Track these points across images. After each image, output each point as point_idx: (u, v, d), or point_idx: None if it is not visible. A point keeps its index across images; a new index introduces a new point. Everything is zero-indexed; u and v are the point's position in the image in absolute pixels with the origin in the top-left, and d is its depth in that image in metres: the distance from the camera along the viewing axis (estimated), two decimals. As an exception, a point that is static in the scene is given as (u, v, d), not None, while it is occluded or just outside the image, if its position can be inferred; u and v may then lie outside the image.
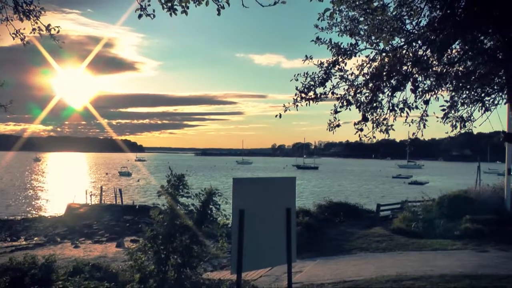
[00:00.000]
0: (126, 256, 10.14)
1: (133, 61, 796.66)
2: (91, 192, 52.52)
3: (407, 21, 6.87)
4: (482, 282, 11.11)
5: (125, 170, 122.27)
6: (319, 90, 7.01)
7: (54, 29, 7.33)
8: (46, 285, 9.78)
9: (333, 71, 6.97)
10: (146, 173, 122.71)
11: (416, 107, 7.07)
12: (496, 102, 8.19)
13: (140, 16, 5.34)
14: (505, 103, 8.08)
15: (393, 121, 7.14)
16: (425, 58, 6.93)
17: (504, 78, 7.68)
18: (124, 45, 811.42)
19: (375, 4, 6.65)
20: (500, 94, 8.18)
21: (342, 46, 6.92)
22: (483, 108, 7.94)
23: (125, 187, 74.63)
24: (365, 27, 6.82)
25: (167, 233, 9.60)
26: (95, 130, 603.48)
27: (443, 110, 7.40)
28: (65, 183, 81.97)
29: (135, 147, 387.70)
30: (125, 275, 10.27)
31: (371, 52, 7.04)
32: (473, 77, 7.69)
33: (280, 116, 6.97)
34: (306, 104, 7.02)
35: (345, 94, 7.01)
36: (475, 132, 8.55)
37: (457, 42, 7.08)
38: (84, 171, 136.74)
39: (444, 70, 7.38)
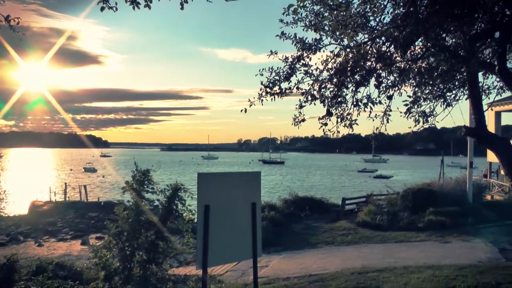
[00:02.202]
0: (91, 253, 10.01)
1: (97, 54, 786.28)
2: (55, 189, 51.66)
3: (371, 18, 6.95)
4: (444, 272, 11.33)
5: (90, 166, 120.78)
6: (284, 85, 7.04)
7: (14, 20, 7.14)
8: (8, 286, 9.55)
9: (298, 66, 7.00)
10: (111, 169, 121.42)
11: (380, 102, 7.17)
12: (457, 97, 8.37)
13: (102, 8, 5.25)
14: (466, 99, 8.25)
15: (357, 116, 7.22)
16: (389, 54, 7.02)
17: (465, 74, 7.84)
18: (88, 38, 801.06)
19: (340, 0, 6.71)
20: (461, 90, 8.35)
21: (306, 41, 6.95)
22: (445, 104, 8.11)
23: (90, 183, 73.57)
24: (330, 23, 6.86)
25: (132, 229, 9.53)
26: (59, 125, 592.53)
27: (406, 105, 7.53)
28: (28, 180, 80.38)
29: (100, 143, 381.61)
30: (90, 273, 10.17)
31: (336, 48, 7.11)
32: (435, 74, 7.83)
33: (245, 111, 6.97)
34: (271, 99, 7.05)
35: (310, 89, 7.05)
36: (438, 127, 8.73)
37: (420, 39, 7.19)
38: (48, 167, 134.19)
39: (407, 66, 7.49)
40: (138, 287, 9.23)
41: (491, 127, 34.62)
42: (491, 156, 14.20)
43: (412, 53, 7.52)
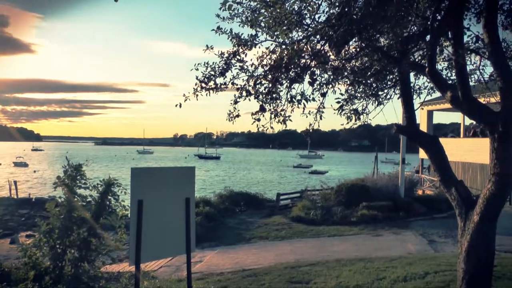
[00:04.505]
0: (20, 253, 9.66)
1: (30, 42, 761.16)
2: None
3: (307, 16, 7.03)
4: (375, 264, 11.67)
5: (20, 161, 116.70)
6: (219, 80, 7.02)
7: None
8: None
9: (233, 61, 7.00)
10: (43, 164, 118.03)
11: (314, 99, 7.28)
12: (389, 96, 8.60)
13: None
14: (398, 98, 8.48)
15: (291, 112, 7.31)
16: (323, 52, 7.13)
17: (397, 74, 8.07)
18: (20, 25, 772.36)
19: (276, -4, 6.75)
20: (393, 89, 8.59)
21: (242, 37, 6.97)
22: (377, 102, 8.32)
23: (20, 179, 71.12)
24: (265, 19, 6.90)
25: (64, 226, 9.27)
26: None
27: (338, 102, 7.67)
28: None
29: (32, 136, 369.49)
30: (19, 273, 9.80)
31: (271, 44, 7.15)
32: (368, 73, 8.02)
33: (180, 105, 6.92)
34: (206, 94, 7.03)
35: (245, 84, 7.07)
36: (373, 124, 8.98)
37: (354, 39, 7.34)
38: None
39: (341, 65, 7.63)
40: (69, 286, 9.01)
41: (423, 125, 35.75)
42: (423, 153, 14.73)
43: (346, 52, 7.66)
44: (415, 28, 7.78)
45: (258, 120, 7.11)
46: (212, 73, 6.95)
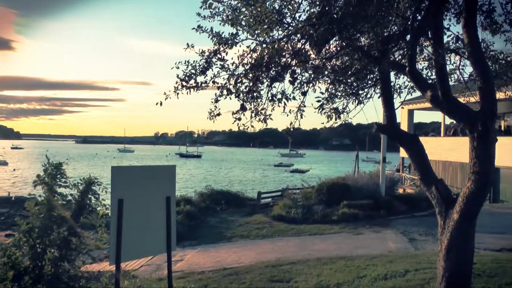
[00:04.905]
0: (-1, 252, 9.54)
1: (8, 39, 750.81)
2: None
3: (287, 15, 7.04)
4: (356, 262, 11.72)
5: (0, 159, 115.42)
6: (200, 78, 6.99)
7: None
8: None
9: (214, 60, 6.98)
10: (23, 162, 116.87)
11: (294, 98, 7.29)
12: (369, 95, 8.65)
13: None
14: (378, 97, 8.53)
15: (272, 111, 7.31)
16: (304, 51, 7.15)
17: (377, 74, 8.12)
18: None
19: (256, -5, 6.75)
20: (374, 88, 8.64)
21: (223, 36, 6.95)
22: (357, 101, 8.36)
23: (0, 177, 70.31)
24: (246, 18, 6.90)
25: (43, 225, 9.18)
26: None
27: (319, 101, 7.69)
28: None
29: (11, 134, 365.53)
30: (-2, 273, 9.67)
31: (252, 43, 7.14)
32: (349, 72, 8.05)
33: (161, 104, 6.89)
34: (187, 92, 7.00)
35: (225, 83, 7.05)
36: (354, 123, 9.00)
37: (334, 38, 7.37)
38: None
39: (322, 64, 7.65)
40: (49, 286, 8.93)
41: (404, 124, 36.03)
42: (404, 152, 14.87)
43: (327, 51, 7.68)
44: (395, 27, 7.82)
45: (239, 119, 7.11)
46: (193, 71, 6.92)
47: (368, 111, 8.94)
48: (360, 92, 8.43)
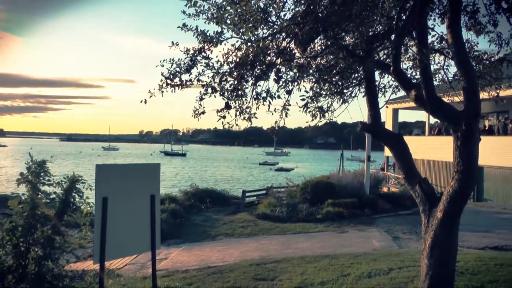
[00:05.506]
0: (-19, 252, 9.44)
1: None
2: None
3: (272, 13, 7.04)
4: (340, 261, 11.75)
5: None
6: (185, 76, 6.98)
7: None
8: None
9: (199, 58, 6.96)
10: (7, 160, 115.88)
11: (279, 97, 7.29)
12: (354, 94, 8.68)
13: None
14: (363, 96, 8.56)
15: (257, 110, 7.30)
16: (289, 50, 7.15)
17: (361, 73, 8.15)
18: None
19: (241, -7, 6.74)
20: (358, 88, 8.67)
21: (208, 34, 6.94)
22: (342, 100, 8.39)
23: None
24: (231, 16, 6.89)
25: (27, 224, 9.09)
26: None
27: (303, 100, 7.70)
28: None
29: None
30: (-20, 273, 9.58)
31: (237, 41, 7.13)
32: (334, 71, 8.07)
33: (145, 102, 6.86)
34: (172, 90, 6.98)
35: (210, 81, 7.04)
36: (339, 121, 9.05)
37: (319, 37, 7.38)
38: None
39: (307, 62, 7.65)
40: (33, 285, 8.85)
41: (389, 123, 36.28)
42: (388, 151, 14.96)
43: (312, 50, 7.69)
44: (380, 27, 7.84)
45: (224, 117, 7.09)
46: (178, 69, 6.90)
47: (352, 110, 8.99)
48: (345, 91, 8.44)
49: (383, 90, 9.26)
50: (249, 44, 7.03)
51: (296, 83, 7.63)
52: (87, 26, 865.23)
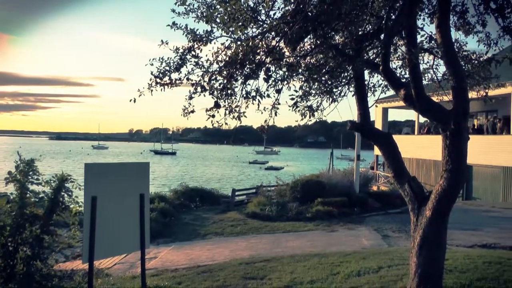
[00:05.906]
0: (-31, 251, 9.36)
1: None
2: None
3: (262, 12, 7.04)
4: (330, 259, 11.75)
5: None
6: (174, 75, 6.97)
7: None
8: None
9: (188, 57, 6.96)
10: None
11: (269, 96, 7.30)
12: (343, 94, 8.71)
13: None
14: (352, 95, 8.58)
15: (246, 109, 7.30)
16: (278, 49, 7.15)
17: (351, 72, 8.18)
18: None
19: (231, -8, 6.74)
20: (348, 87, 8.70)
21: (198, 33, 6.94)
22: (331, 99, 8.41)
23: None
24: (220, 15, 6.89)
25: (15, 223, 9.03)
26: None
27: (292, 99, 7.71)
28: None
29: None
30: (-33, 274, 9.50)
31: (227, 40, 7.12)
32: (323, 70, 8.09)
33: (135, 100, 6.86)
34: (161, 89, 6.98)
35: (200, 80, 7.03)
36: (329, 120, 9.08)
37: (309, 36, 7.40)
38: None
39: (296, 61, 7.67)
40: (21, 285, 8.80)
41: (379, 122, 36.37)
42: (378, 150, 15.07)
43: (301, 49, 7.71)
44: (370, 26, 7.89)
45: (213, 116, 7.09)
46: (167, 68, 6.89)
47: (342, 109, 9.00)
48: (334, 90, 8.47)
49: (372, 89, 9.32)
50: (238, 43, 7.03)
51: (285, 82, 7.65)
52: (76, 24, 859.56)
